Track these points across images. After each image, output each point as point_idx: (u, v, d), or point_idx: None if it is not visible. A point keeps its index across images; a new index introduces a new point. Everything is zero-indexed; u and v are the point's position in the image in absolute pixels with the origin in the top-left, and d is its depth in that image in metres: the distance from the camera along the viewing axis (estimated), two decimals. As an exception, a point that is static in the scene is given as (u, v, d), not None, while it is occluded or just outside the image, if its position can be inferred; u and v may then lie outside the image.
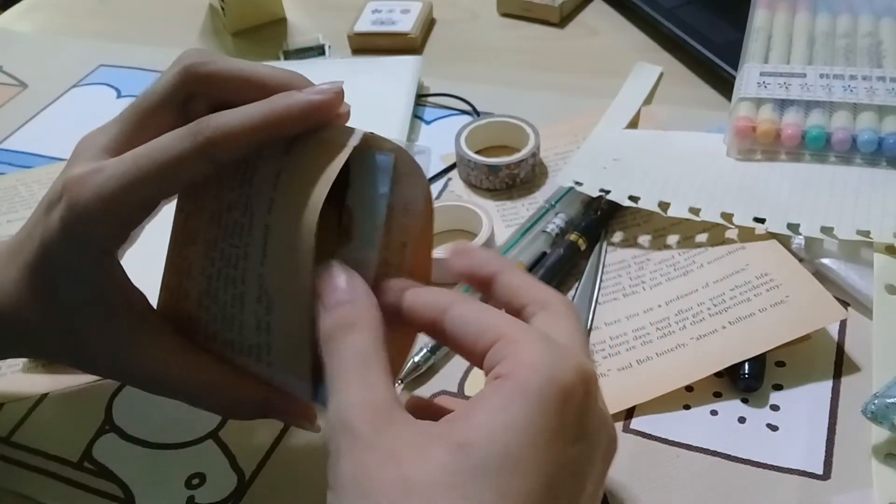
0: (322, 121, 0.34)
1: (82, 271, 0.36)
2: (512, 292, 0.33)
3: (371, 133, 0.34)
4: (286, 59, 0.72)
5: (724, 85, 0.63)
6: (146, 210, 0.36)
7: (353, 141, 0.33)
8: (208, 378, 0.37)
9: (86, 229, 0.35)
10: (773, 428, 0.42)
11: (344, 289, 0.32)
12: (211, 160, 0.34)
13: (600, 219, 0.53)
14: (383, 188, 0.33)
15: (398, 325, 0.33)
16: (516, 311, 0.33)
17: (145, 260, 0.39)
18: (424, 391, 0.45)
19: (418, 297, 0.33)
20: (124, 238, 0.36)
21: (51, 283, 0.37)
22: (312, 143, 0.34)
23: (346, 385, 0.29)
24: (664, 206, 0.51)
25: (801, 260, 0.48)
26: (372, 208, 0.34)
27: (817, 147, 0.53)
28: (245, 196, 0.35)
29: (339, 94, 0.34)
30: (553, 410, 0.27)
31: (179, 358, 0.37)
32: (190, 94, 0.36)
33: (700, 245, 0.51)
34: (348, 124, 0.35)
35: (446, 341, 0.32)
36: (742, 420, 0.42)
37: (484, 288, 0.34)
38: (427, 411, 0.33)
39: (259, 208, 0.34)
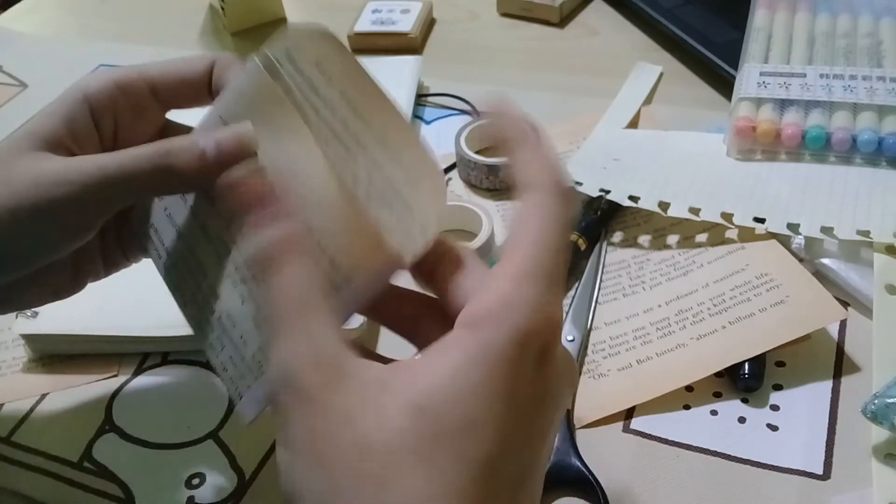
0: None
1: None
2: (518, 169, 0.31)
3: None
4: (286, 59, 0.72)
5: (724, 85, 0.63)
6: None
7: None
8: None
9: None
10: (774, 428, 0.42)
11: (269, 199, 0.29)
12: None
13: (600, 219, 0.53)
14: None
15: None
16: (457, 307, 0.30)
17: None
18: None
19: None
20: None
21: None
22: None
23: (287, 335, 0.27)
24: (664, 206, 0.51)
25: (801, 260, 0.48)
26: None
27: (817, 147, 0.53)
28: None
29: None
30: (515, 373, 0.26)
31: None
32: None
33: (700, 245, 0.50)
34: None
35: (436, 301, 0.30)
36: (742, 420, 0.42)
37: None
38: (390, 307, 0.32)
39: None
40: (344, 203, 0.31)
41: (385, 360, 0.29)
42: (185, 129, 0.40)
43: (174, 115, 0.41)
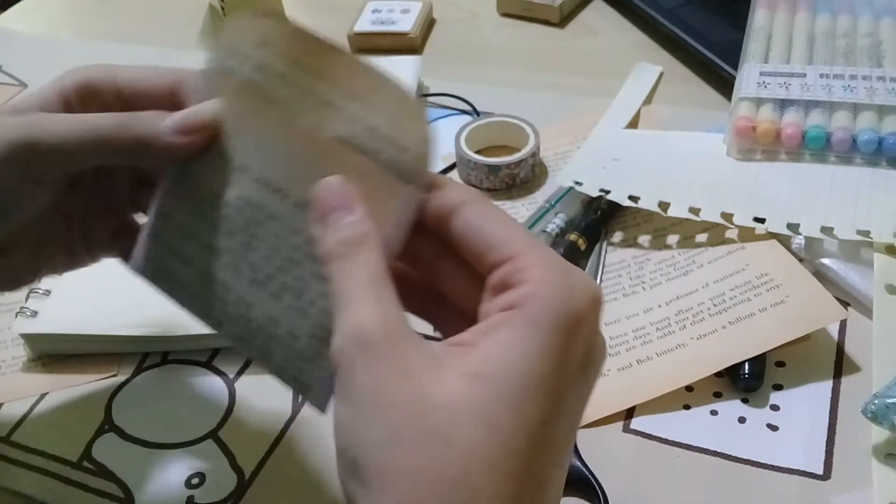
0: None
1: None
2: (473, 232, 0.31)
3: None
4: (286, 58, 0.72)
5: (724, 85, 0.63)
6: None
7: None
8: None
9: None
10: (774, 428, 0.42)
11: (345, 204, 0.31)
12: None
13: (600, 219, 0.53)
14: None
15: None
16: (476, 257, 0.30)
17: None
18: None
19: (435, 181, 0.31)
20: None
21: None
22: None
23: (360, 302, 0.28)
24: (664, 205, 0.51)
25: (801, 260, 0.48)
26: None
27: (817, 147, 0.53)
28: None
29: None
30: (566, 343, 0.27)
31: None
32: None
33: (700, 245, 0.50)
34: None
35: (451, 244, 0.31)
36: (742, 420, 0.42)
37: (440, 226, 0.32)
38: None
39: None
40: (341, 161, 0.31)
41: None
42: None
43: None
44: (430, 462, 0.25)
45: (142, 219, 0.39)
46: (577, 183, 0.53)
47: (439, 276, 0.33)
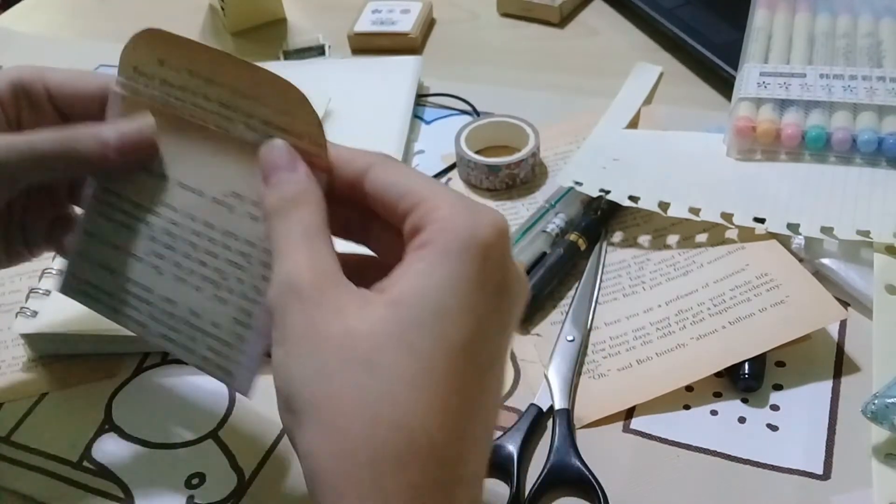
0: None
1: None
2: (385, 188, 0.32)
3: None
4: (286, 58, 0.72)
5: (724, 85, 0.63)
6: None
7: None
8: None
9: None
10: (774, 428, 0.42)
11: (286, 164, 0.33)
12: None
13: (600, 219, 0.53)
14: None
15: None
16: (389, 211, 0.32)
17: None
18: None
19: (340, 152, 0.33)
20: None
21: None
22: None
23: (293, 252, 0.30)
24: (664, 206, 0.51)
25: (801, 260, 0.48)
26: None
27: (817, 147, 0.53)
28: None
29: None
30: (477, 268, 0.29)
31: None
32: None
33: (700, 245, 0.51)
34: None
35: (367, 202, 0.33)
36: (742, 420, 0.42)
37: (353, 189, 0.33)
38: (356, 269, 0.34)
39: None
40: (251, 153, 0.34)
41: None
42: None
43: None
44: (355, 388, 0.27)
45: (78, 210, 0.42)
46: (577, 183, 0.53)
47: (372, 242, 0.35)
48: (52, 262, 0.53)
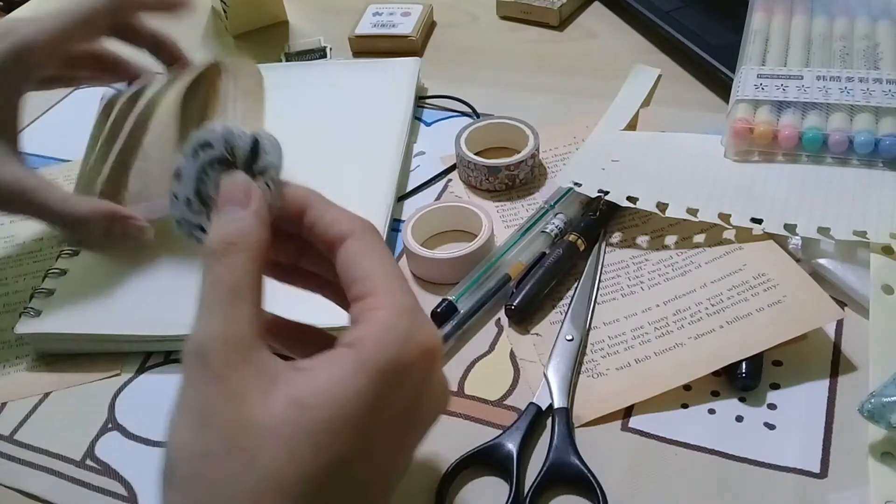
0: None
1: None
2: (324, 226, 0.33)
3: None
4: (288, 61, 0.73)
5: (721, 87, 0.63)
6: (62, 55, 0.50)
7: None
8: (61, 195, 0.47)
9: (24, 54, 0.48)
10: (771, 426, 0.42)
11: (240, 200, 0.32)
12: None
13: (599, 219, 0.53)
14: None
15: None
16: (329, 245, 0.33)
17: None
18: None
19: (325, 214, 0.33)
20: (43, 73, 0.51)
21: None
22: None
23: (212, 314, 0.30)
24: (662, 206, 0.51)
25: (798, 260, 0.48)
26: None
27: (814, 148, 0.53)
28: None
29: None
30: (384, 390, 0.29)
31: (34, 176, 0.48)
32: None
33: (698, 245, 0.51)
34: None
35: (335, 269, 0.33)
36: (739, 419, 0.42)
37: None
38: (290, 332, 0.37)
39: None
40: None
41: (287, 360, 0.32)
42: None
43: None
44: (230, 478, 0.28)
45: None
46: (576, 184, 0.53)
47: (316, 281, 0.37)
48: (55, 263, 0.53)
